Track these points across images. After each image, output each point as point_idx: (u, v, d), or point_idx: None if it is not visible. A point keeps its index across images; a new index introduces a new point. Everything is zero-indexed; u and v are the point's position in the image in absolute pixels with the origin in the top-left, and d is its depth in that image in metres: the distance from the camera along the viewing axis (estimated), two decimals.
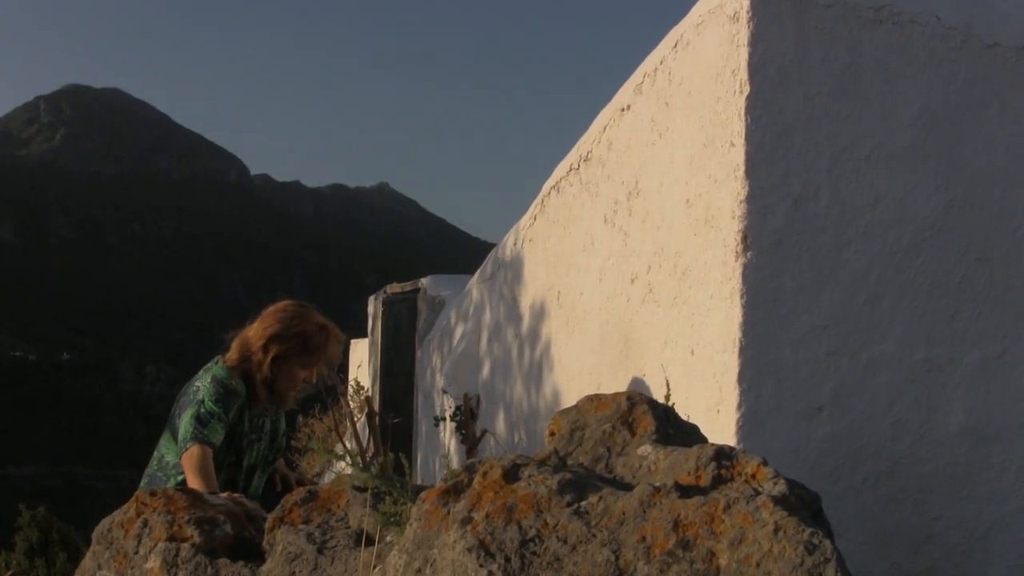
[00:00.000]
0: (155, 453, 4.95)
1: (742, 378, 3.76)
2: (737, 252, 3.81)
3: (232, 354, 4.91)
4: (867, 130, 4.01)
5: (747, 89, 3.85)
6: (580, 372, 5.42)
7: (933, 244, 4.05)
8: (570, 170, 5.77)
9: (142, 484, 4.81)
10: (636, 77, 4.86)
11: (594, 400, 3.15)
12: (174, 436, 4.77)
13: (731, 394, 3.78)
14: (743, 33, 3.89)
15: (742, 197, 3.83)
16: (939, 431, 4.02)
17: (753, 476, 2.64)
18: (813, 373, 3.86)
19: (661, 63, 4.56)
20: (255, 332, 4.90)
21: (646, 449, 2.88)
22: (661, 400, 3.28)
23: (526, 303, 6.62)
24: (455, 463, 3.34)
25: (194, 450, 4.53)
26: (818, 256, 3.89)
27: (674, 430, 3.06)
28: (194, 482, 4.37)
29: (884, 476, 3.95)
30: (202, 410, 4.66)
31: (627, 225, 4.79)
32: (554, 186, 6.05)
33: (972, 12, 4.23)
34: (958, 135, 4.13)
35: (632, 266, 4.69)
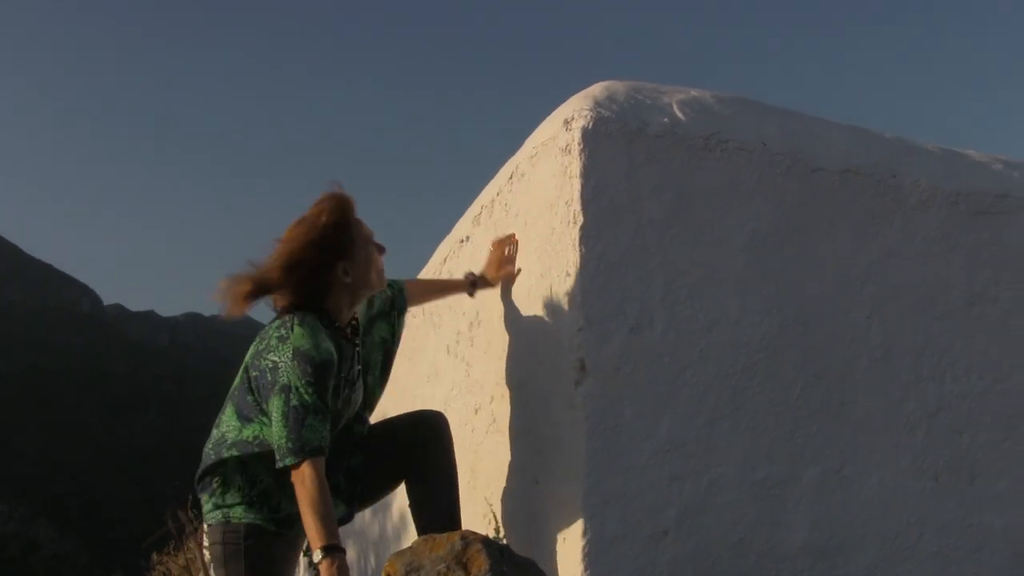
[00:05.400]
0: (216, 428, 3.92)
1: (586, 506, 3.76)
2: (576, 381, 3.84)
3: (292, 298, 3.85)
4: (700, 256, 4.09)
5: (581, 220, 3.91)
6: None
7: (769, 364, 4.13)
8: None
9: (205, 454, 3.89)
10: (474, 208, 4.92)
11: (429, 541, 3.15)
12: (238, 412, 3.82)
13: (576, 523, 3.77)
14: (575, 165, 3.96)
15: (579, 326, 3.86)
16: (783, 547, 4.06)
17: None
18: (656, 498, 3.87)
19: (498, 195, 4.62)
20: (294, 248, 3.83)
21: None
22: (500, 533, 3.27)
23: None
24: None
25: (304, 472, 3.48)
26: (656, 382, 3.93)
27: (509, 567, 3.06)
28: (310, 518, 3.42)
29: None
30: (295, 403, 3.58)
31: (469, 356, 4.81)
32: None
33: (798, 138, 4.37)
34: (788, 258, 4.24)
35: (476, 396, 4.70)
